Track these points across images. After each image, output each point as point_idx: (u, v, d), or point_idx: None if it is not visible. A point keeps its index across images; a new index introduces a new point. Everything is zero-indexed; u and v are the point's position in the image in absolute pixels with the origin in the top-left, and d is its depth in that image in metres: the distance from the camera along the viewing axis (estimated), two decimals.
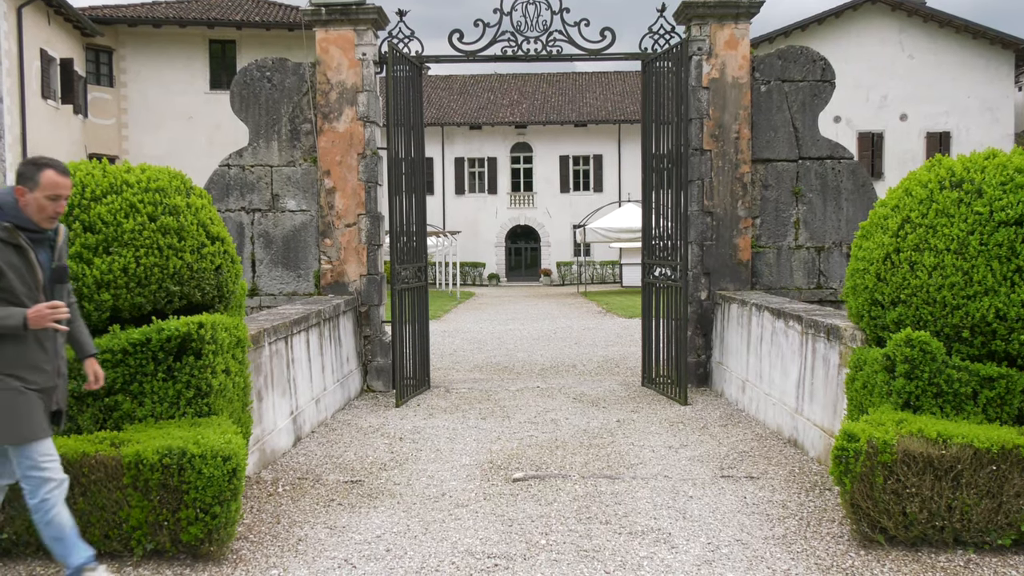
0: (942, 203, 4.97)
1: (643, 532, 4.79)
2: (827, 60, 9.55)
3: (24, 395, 3.71)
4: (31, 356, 3.76)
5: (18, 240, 3.68)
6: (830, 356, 6.12)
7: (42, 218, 3.73)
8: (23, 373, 3.73)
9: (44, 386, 3.80)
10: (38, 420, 3.76)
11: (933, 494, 4.33)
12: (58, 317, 3.66)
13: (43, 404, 3.82)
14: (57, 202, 3.75)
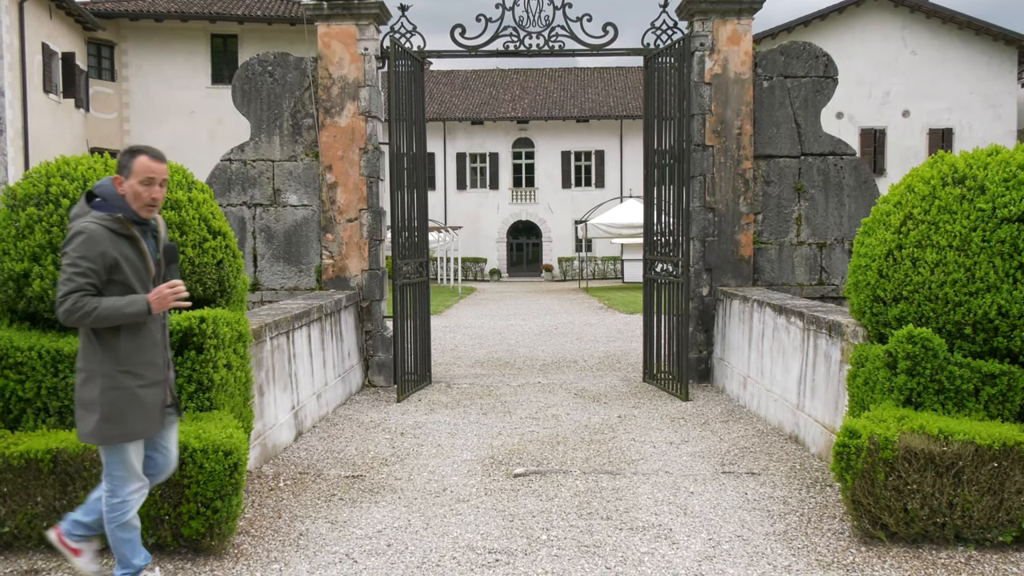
0: (944, 200, 4.96)
1: (644, 528, 4.79)
2: (830, 56, 9.53)
3: (134, 395, 3.64)
4: (145, 350, 3.68)
5: (131, 231, 3.60)
6: (832, 352, 6.11)
7: (139, 206, 3.63)
8: (138, 369, 3.65)
9: (157, 379, 3.73)
10: (141, 420, 3.67)
11: (934, 491, 4.33)
12: (180, 295, 3.58)
13: (157, 399, 3.75)
14: (151, 187, 3.62)
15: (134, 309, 3.52)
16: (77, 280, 3.48)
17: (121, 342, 3.62)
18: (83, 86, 25.83)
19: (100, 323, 3.51)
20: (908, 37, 30.76)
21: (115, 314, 3.50)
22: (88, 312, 3.47)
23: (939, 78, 30.84)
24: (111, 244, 3.55)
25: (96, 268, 3.51)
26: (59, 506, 4.30)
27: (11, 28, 21.44)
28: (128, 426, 3.65)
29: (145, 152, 3.64)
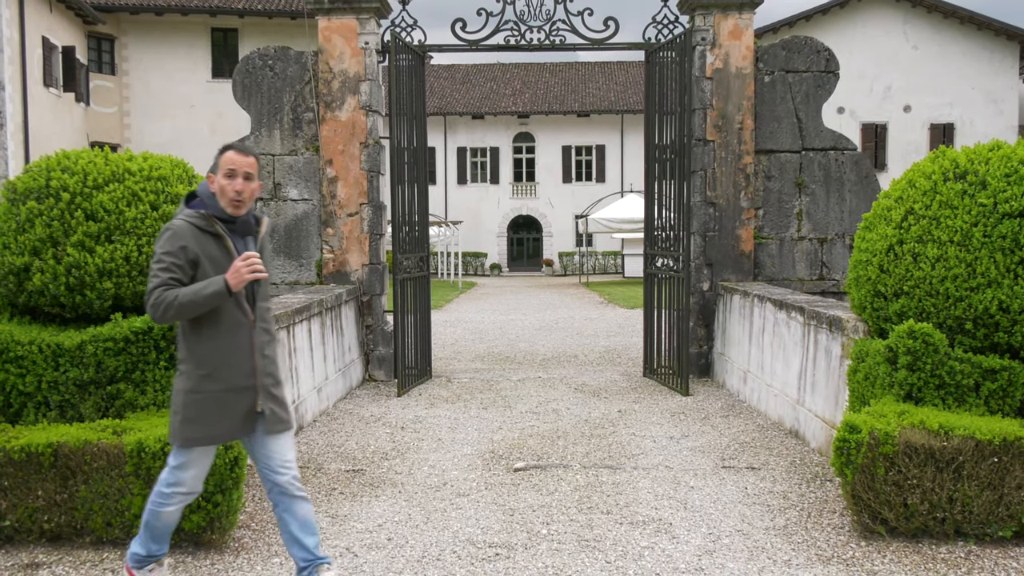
0: (946, 195, 4.95)
1: (644, 522, 4.79)
2: (831, 51, 9.51)
3: (211, 398, 3.51)
4: (227, 353, 3.53)
5: (215, 228, 3.51)
6: (832, 347, 6.11)
7: (226, 202, 3.52)
8: (219, 372, 3.51)
9: (239, 385, 3.54)
10: (214, 427, 3.54)
11: (934, 486, 4.33)
12: (255, 268, 3.42)
13: (240, 406, 3.57)
14: (233, 180, 3.50)
15: (212, 289, 3.38)
16: (160, 275, 3.41)
17: (202, 344, 3.52)
18: (83, 80, 25.78)
19: (185, 311, 3.39)
20: (909, 32, 30.69)
21: (195, 298, 3.38)
22: (170, 303, 3.37)
23: (940, 73, 30.78)
24: (194, 240, 3.47)
25: (179, 262, 3.43)
26: (60, 500, 4.31)
27: (11, 22, 21.38)
28: (197, 431, 3.53)
29: (232, 147, 3.55)
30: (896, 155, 30.99)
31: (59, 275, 4.68)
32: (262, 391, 3.60)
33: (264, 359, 3.61)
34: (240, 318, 3.55)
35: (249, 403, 3.57)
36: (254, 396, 3.58)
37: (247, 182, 3.54)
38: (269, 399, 3.61)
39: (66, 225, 4.73)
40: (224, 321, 3.51)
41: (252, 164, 3.55)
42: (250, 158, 3.55)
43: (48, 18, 23.46)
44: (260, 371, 3.58)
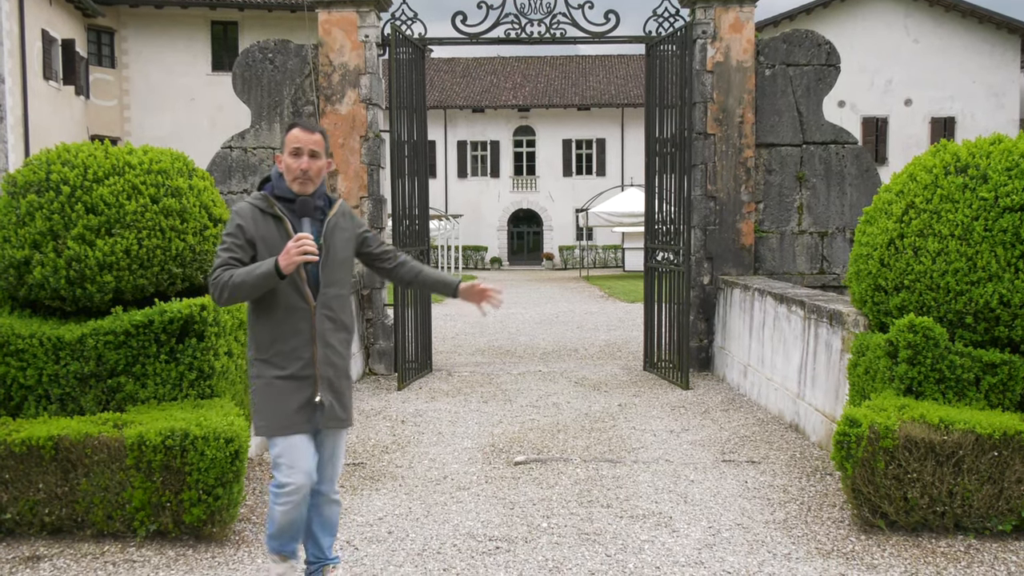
0: (947, 188, 4.94)
1: (644, 516, 4.80)
2: (832, 44, 9.48)
3: (271, 385, 3.37)
4: (286, 339, 3.38)
5: (274, 210, 3.37)
6: (832, 341, 6.11)
7: (291, 179, 3.38)
8: (277, 359, 3.38)
9: (301, 374, 3.39)
10: (280, 413, 3.38)
11: (934, 479, 4.33)
12: (305, 249, 3.18)
13: (300, 395, 3.40)
14: (298, 158, 3.36)
15: (262, 270, 3.21)
16: (221, 256, 3.32)
17: (261, 329, 3.41)
18: (83, 73, 25.72)
19: (239, 292, 3.25)
20: (911, 25, 30.60)
21: (247, 278, 3.23)
22: (224, 283, 3.25)
23: (941, 67, 30.70)
24: (253, 221, 3.35)
25: (239, 242, 3.32)
26: (61, 493, 4.31)
27: (11, 14, 21.30)
28: (267, 419, 3.40)
29: (297, 124, 3.41)
30: (897, 149, 30.95)
31: (59, 268, 4.67)
32: (322, 381, 3.42)
33: (326, 348, 3.42)
34: (298, 303, 3.38)
35: (309, 393, 3.40)
36: (314, 386, 3.41)
37: (313, 160, 3.39)
38: (329, 391, 3.44)
39: (66, 218, 4.72)
40: (281, 305, 3.37)
41: (318, 142, 3.41)
42: (315, 135, 3.41)
43: (48, 11, 23.40)
44: (320, 360, 3.40)
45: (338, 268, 3.48)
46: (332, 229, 3.46)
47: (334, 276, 3.46)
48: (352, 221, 3.57)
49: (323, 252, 3.40)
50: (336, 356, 3.47)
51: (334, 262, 3.45)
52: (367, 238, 3.64)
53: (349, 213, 3.57)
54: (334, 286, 3.46)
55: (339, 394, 3.48)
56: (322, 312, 3.41)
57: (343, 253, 3.50)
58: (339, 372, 3.48)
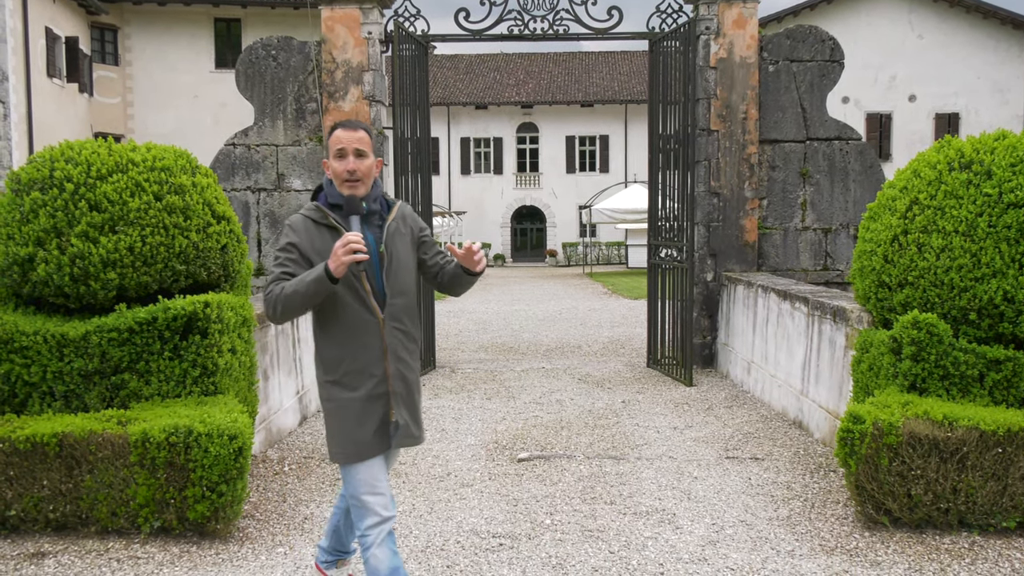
0: (951, 185, 4.92)
1: (648, 512, 4.80)
2: (836, 40, 9.45)
3: (344, 408, 3.14)
4: (355, 357, 3.14)
5: (328, 220, 3.13)
6: (836, 338, 6.10)
7: (340, 184, 3.14)
8: (345, 378, 3.14)
9: (374, 393, 3.14)
10: (357, 439, 3.13)
11: (938, 476, 4.32)
12: (353, 249, 2.90)
13: (375, 415, 3.15)
14: (344, 160, 3.11)
15: (313, 276, 2.96)
16: (273, 272, 3.12)
17: (327, 347, 3.18)
18: (87, 70, 25.71)
19: (293, 304, 3.01)
20: (915, 21, 30.49)
21: (299, 287, 2.99)
22: (277, 297, 3.03)
23: (946, 62, 30.59)
24: (307, 235, 3.12)
25: (293, 257, 3.10)
26: (65, 489, 4.32)
27: (14, 12, 21.30)
28: (344, 446, 3.15)
29: (340, 125, 3.17)
30: (901, 145, 30.88)
31: (63, 265, 4.67)
32: (396, 398, 3.17)
33: (398, 362, 3.17)
34: (364, 315, 3.12)
35: (383, 412, 3.16)
36: (387, 404, 3.17)
37: (360, 159, 3.13)
38: (404, 408, 3.20)
39: (70, 216, 4.72)
40: (347, 319, 3.12)
41: (362, 139, 3.15)
42: (359, 133, 3.15)
43: (51, 8, 23.40)
44: (394, 376, 3.16)
45: (402, 275, 3.22)
46: (392, 234, 3.20)
47: (399, 284, 3.20)
48: (412, 223, 3.31)
49: (385, 260, 3.16)
50: (408, 370, 3.23)
51: (398, 269, 3.19)
52: (424, 242, 3.36)
53: (409, 215, 3.32)
54: (401, 295, 3.21)
55: (413, 410, 3.25)
56: (391, 324, 3.16)
57: (405, 258, 3.24)
58: (412, 387, 3.25)
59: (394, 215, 3.24)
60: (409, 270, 3.27)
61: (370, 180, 3.18)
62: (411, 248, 3.29)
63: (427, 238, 3.36)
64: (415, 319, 3.29)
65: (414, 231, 3.32)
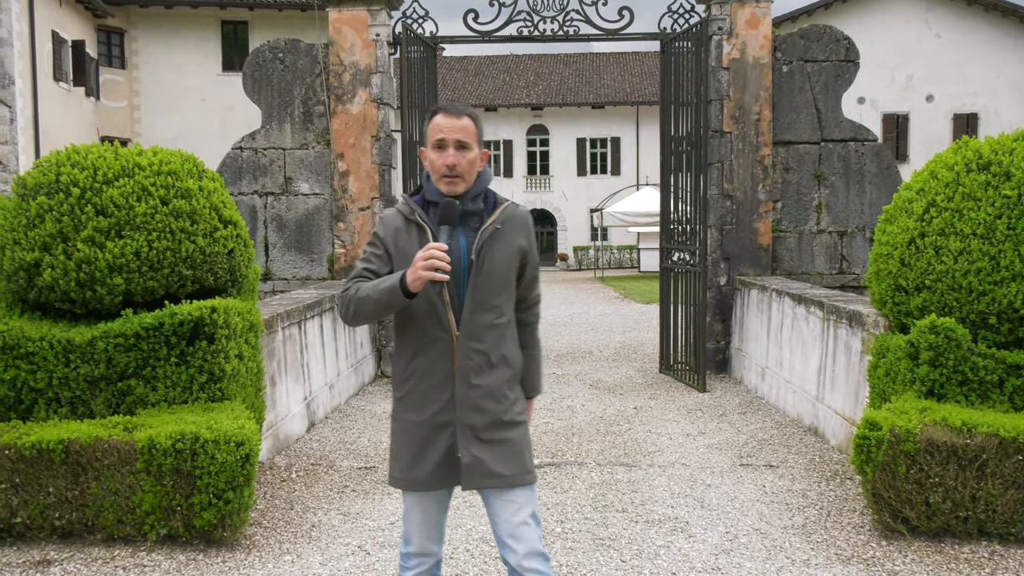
0: (969, 186, 4.85)
1: (660, 521, 4.74)
2: (851, 39, 9.37)
3: (406, 431, 2.78)
4: (421, 376, 2.75)
5: (415, 217, 2.77)
6: (852, 343, 6.02)
7: (437, 179, 2.75)
8: (412, 399, 2.77)
9: (438, 420, 2.73)
10: (414, 467, 2.75)
11: (957, 484, 4.25)
12: (432, 265, 2.54)
13: (439, 446, 2.74)
14: (442, 152, 2.72)
15: (387, 284, 2.64)
16: (356, 267, 2.82)
17: (397, 360, 2.84)
18: (93, 74, 25.72)
19: (363, 309, 2.71)
20: (932, 19, 30.20)
21: (371, 293, 2.68)
22: (351, 298, 2.74)
23: (964, 61, 30.27)
24: (394, 231, 2.78)
25: (378, 252, 2.79)
26: (71, 497, 4.30)
27: (21, 15, 21.32)
28: (398, 470, 2.80)
29: (440, 109, 2.76)
30: (918, 146, 30.59)
31: (69, 271, 4.64)
32: (464, 431, 2.73)
33: (471, 389, 2.72)
34: (436, 331, 2.72)
35: (448, 444, 2.74)
36: (454, 436, 2.74)
37: (461, 152, 2.72)
38: (472, 443, 2.73)
39: (76, 220, 4.69)
40: (417, 333, 2.75)
41: (466, 128, 2.72)
42: (462, 120, 2.73)
43: (58, 12, 23.43)
44: (462, 404, 2.72)
45: (492, 288, 2.74)
46: (488, 239, 2.74)
47: (487, 299, 2.73)
48: (519, 231, 2.82)
49: (474, 267, 2.71)
50: (487, 400, 2.74)
51: (488, 280, 2.73)
52: (526, 263, 2.86)
53: (519, 220, 2.83)
54: (486, 311, 2.74)
55: (493, 445, 2.75)
56: (467, 344, 2.72)
57: (501, 269, 2.76)
58: (492, 420, 2.75)
59: (496, 217, 2.78)
60: (505, 282, 2.78)
61: (472, 176, 2.77)
62: (514, 259, 2.80)
63: (529, 257, 2.86)
64: (503, 341, 2.78)
65: (521, 242, 2.83)
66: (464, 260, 2.72)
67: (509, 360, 2.81)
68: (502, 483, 2.75)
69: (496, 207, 2.81)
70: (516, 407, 2.82)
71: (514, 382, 2.83)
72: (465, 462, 2.72)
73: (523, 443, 2.82)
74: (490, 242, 2.74)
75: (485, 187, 2.83)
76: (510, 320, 2.84)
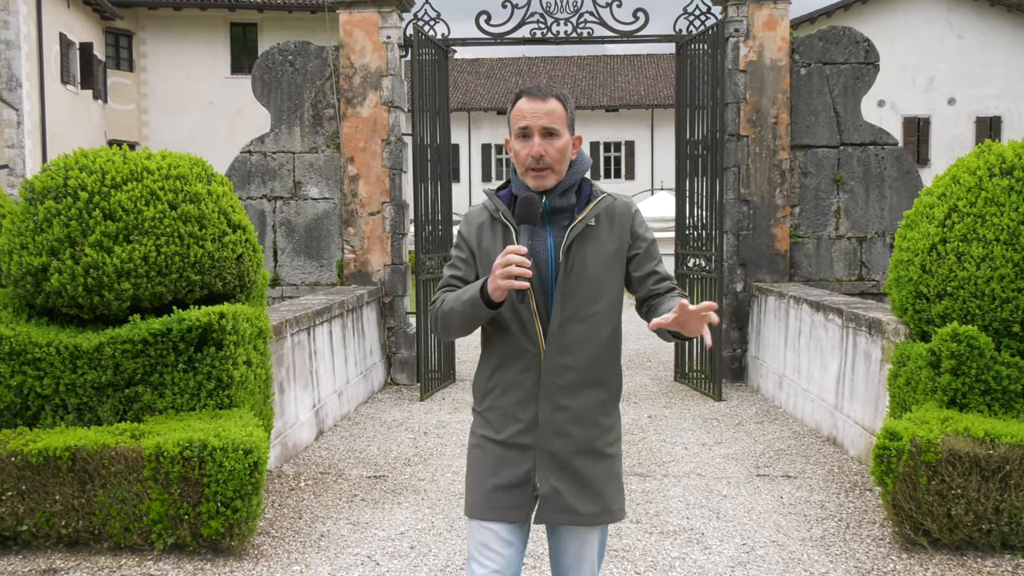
0: (991, 191, 4.79)
1: (675, 532, 4.67)
2: (871, 41, 9.25)
3: (481, 448, 2.52)
4: (503, 391, 2.48)
5: (500, 216, 2.49)
6: (872, 351, 5.93)
7: (523, 172, 2.46)
8: (492, 416, 2.50)
9: (517, 442, 2.45)
10: (485, 490, 2.48)
11: (979, 496, 4.18)
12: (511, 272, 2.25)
13: (514, 470, 2.46)
14: (527, 140, 2.42)
15: (470, 295, 2.38)
16: (445, 276, 2.57)
17: (480, 371, 2.58)
18: (101, 77, 25.69)
19: (452, 323, 2.47)
20: (954, 20, 29.88)
21: (455, 305, 2.43)
22: (438, 312, 2.51)
23: (987, 64, 29.90)
24: (479, 229, 2.51)
25: (463, 255, 2.53)
26: (77, 504, 4.27)
27: (28, 18, 21.31)
28: (469, 492, 2.55)
29: (525, 92, 2.46)
30: (939, 150, 30.27)
31: (77, 275, 4.61)
32: (544, 457, 2.45)
33: (558, 411, 2.43)
34: (522, 343, 2.44)
35: (526, 470, 2.46)
36: (533, 461, 2.46)
37: (549, 140, 2.42)
38: (555, 471, 2.45)
39: (84, 225, 4.66)
40: (501, 344, 2.48)
41: (554, 112, 2.41)
42: (549, 102, 2.42)
43: (66, 14, 23.44)
44: (546, 426, 2.43)
45: (588, 295, 2.45)
46: (579, 237, 2.44)
47: (580, 308, 2.44)
48: (620, 226, 2.51)
49: (562, 271, 2.42)
50: (576, 424, 2.45)
51: (579, 285, 2.43)
52: (637, 255, 2.53)
53: (618, 215, 2.51)
54: (579, 322, 2.44)
55: (575, 477, 2.46)
56: (556, 359, 2.43)
57: (596, 272, 2.45)
58: (580, 446, 2.46)
59: (588, 212, 2.46)
60: (602, 288, 2.46)
61: (564, 166, 2.46)
62: (613, 260, 2.48)
63: (640, 250, 2.52)
64: (601, 357, 2.48)
65: (623, 237, 2.50)
66: (552, 264, 2.43)
67: (606, 381, 2.49)
68: (579, 521, 2.48)
69: (590, 201, 2.49)
70: (609, 436, 2.51)
71: (610, 406, 2.52)
72: (542, 492, 2.45)
73: (610, 477, 2.51)
74: (580, 242, 2.43)
75: (579, 178, 2.52)
76: (615, 330, 2.52)
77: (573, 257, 2.42)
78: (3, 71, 20.69)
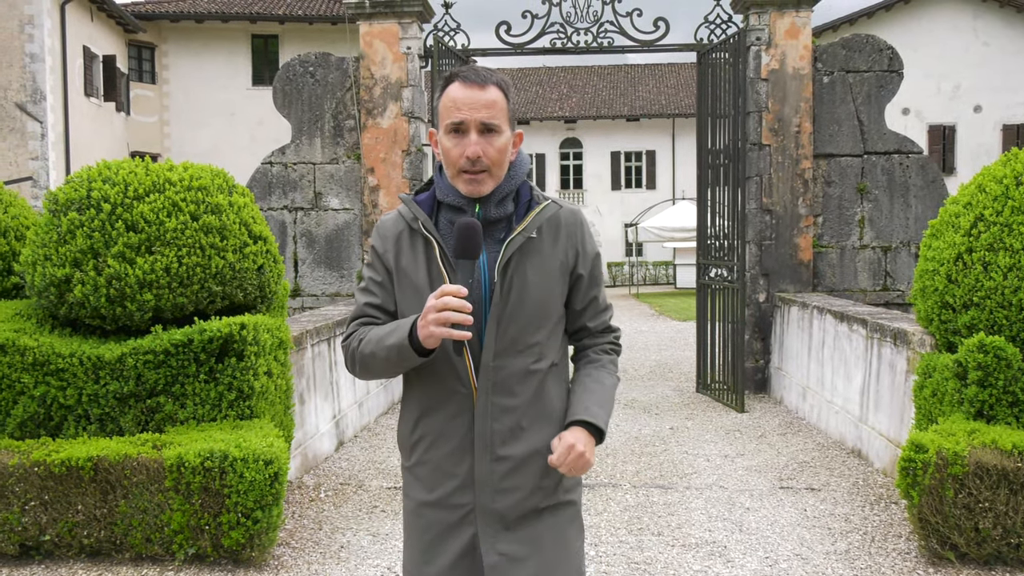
0: (1018, 200, 4.72)
1: (697, 545, 4.62)
2: (894, 49, 9.17)
3: (413, 514, 2.12)
4: (433, 441, 2.07)
5: (418, 226, 2.07)
6: (897, 362, 5.85)
7: (454, 175, 2.03)
8: (422, 472, 2.10)
9: (453, 502, 2.05)
10: (422, 561, 2.10)
11: (1008, 509, 4.11)
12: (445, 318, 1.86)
13: (455, 538, 2.06)
14: (461, 138, 1.99)
15: (394, 340, 1.97)
16: (357, 302, 2.16)
17: (403, 416, 2.18)
18: (124, 89, 25.96)
19: (372, 367, 2.07)
20: (980, 27, 29.55)
21: (377, 349, 2.02)
22: (354, 352, 2.09)
23: (1014, 71, 29.49)
24: (395, 243, 2.10)
25: (378, 279, 2.12)
26: (99, 515, 4.28)
27: (52, 31, 21.60)
28: (407, 560, 2.16)
29: (459, 75, 2.03)
30: (965, 158, 29.91)
31: (100, 287, 4.64)
32: (486, 519, 2.04)
33: (497, 462, 2.03)
34: (450, 382, 2.04)
35: (468, 538, 2.06)
36: (473, 525, 2.06)
37: (488, 138, 2.00)
38: (499, 536, 2.05)
39: (107, 236, 4.69)
40: (425, 386, 2.08)
41: (495, 104, 2.00)
42: (489, 91, 2.00)
43: (89, 27, 23.72)
44: (484, 482, 2.03)
45: (528, 322, 2.04)
46: (517, 253, 2.03)
47: (520, 336, 2.04)
48: (567, 240, 2.10)
49: (497, 293, 2.01)
50: (520, 476, 2.05)
51: (520, 311, 2.03)
52: (581, 278, 2.13)
53: (563, 225, 2.10)
54: (518, 354, 2.04)
55: (527, 541, 2.06)
56: (491, 400, 2.03)
57: (538, 294, 2.05)
58: (527, 504, 2.06)
59: (531, 222, 2.05)
60: (546, 312, 2.07)
61: (503, 168, 2.05)
62: (558, 277, 2.09)
63: (586, 271, 2.13)
64: (544, 394, 2.09)
65: (568, 252, 2.10)
66: (485, 284, 2.01)
67: (553, 419, 2.10)
68: None
69: (531, 209, 2.08)
70: (564, 483, 2.12)
71: None
72: (488, 563, 2.02)
73: (570, 535, 2.11)
74: (519, 258, 2.02)
75: (519, 183, 2.10)
76: (555, 364, 2.11)
77: (511, 276, 2.01)
78: (27, 84, 20.96)
